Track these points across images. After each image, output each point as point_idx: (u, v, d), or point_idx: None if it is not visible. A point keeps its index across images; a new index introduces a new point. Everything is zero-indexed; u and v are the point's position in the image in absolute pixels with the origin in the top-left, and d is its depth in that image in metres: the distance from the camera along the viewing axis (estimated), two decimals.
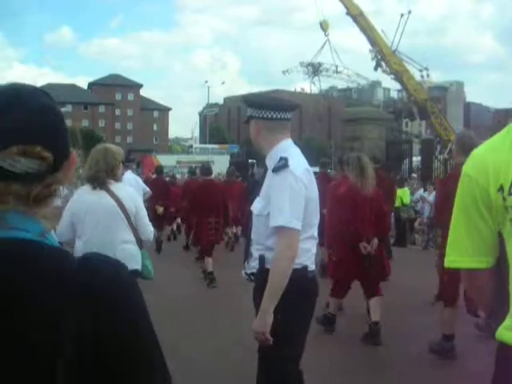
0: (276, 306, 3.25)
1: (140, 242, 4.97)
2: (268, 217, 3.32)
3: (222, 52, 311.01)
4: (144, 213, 5.04)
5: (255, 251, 3.46)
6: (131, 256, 4.80)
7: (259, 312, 3.29)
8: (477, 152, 1.95)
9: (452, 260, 2.00)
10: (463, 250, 1.95)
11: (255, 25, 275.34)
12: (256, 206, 3.46)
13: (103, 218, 4.76)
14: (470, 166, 1.92)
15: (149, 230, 5.05)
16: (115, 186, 4.90)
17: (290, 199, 3.25)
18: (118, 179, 5.00)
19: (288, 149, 3.47)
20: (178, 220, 17.27)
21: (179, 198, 14.19)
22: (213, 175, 13.84)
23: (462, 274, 2.05)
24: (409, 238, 17.67)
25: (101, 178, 4.82)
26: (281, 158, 3.35)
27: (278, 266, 3.25)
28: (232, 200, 12.63)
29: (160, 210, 13.67)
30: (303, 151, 3.58)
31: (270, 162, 3.46)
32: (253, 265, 3.47)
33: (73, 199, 4.87)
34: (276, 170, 3.31)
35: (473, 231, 1.91)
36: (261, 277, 3.35)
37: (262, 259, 3.38)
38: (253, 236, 3.51)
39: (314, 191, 3.47)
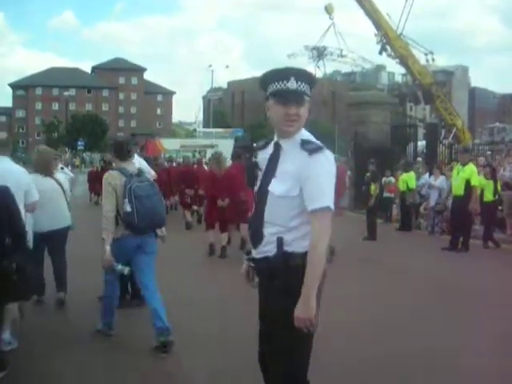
0: (295, 290, 3.20)
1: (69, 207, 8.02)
2: (296, 198, 3.26)
3: (226, 36, 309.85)
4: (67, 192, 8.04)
5: (271, 234, 3.35)
6: (67, 217, 7.83)
7: (302, 298, 3.19)
8: None
9: None
10: None
11: (259, 8, 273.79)
12: (277, 188, 3.32)
13: (53, 195, 7.52)
14: None
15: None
16: (57, 174, 8.00)
17: (329, 181, 3.24)
18: (56, 170, 8.26)
19: (306, 132, 3.41)
20: None
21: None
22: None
23: None
24: (414, 222, 17.61)
25: (50, 168, 7.73)
26: (309, 141, 3.29)
27: (319, 248, 3.19)
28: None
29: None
30: None
31: (289, 143, 3.37)
32: (267, 248, 3.37)
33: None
34: (313, 151, 3.23)
35: None
36: (277, 260, 3.30)
37: (279, 241, 3.30)
38: (268, 218, 3.37)
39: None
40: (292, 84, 3.28)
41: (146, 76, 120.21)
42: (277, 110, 3.35)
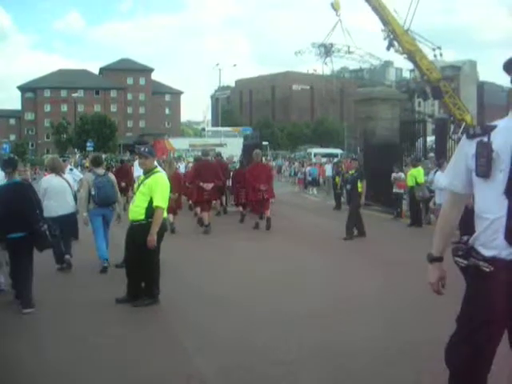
0: None
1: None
2: None
3: (233, 34, 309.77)
4: (73, 188, 10.98)
5: None
6: (72, 206, 10.52)
7: None
8: None
9: None
10: None
11: (265, 6, 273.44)
12: None
13: (61, 189, 10.36)
14: None
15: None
16: (65, 175, 11.01)
17: None
18: (63, 171, 11.26)
19: None
20: None
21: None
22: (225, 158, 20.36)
23: None
24: (425, 218, 17.54)
25: (59, 170, 10.75)
26: None
27: None
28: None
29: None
30: (315, 132, 3.48)
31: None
32: None
33: (44, 181, 10.70)
34: None
35: None
36: None
37: None
38: None
39: None
40: None
41: (154, 76, 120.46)
42: None
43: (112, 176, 11.06)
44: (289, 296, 8.50)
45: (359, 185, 14.85)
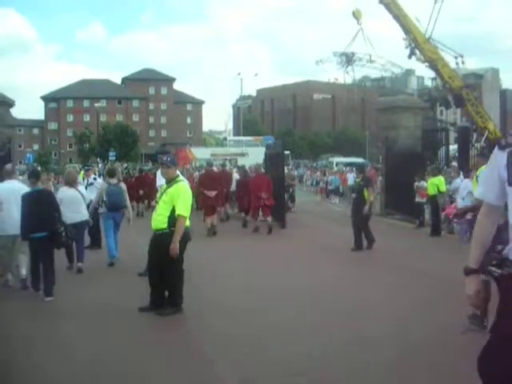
0: None
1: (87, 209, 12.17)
2: None
3: (254, 43, 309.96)
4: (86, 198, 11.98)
5: None
6: (85, 215, 11.62)
7: None
8: None
9: None
10: None
11: (286, 15, 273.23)
12: None
13: (74, 200, 11.35)
14: None
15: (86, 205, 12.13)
16: (79, 187, 12.05)
17: None
18: (77, 183, 12.35)
19: None
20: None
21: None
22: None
23: None
24: (448, 227, 17.41)
25: (73, 183, 11.84)
26: None
27: None
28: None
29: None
30: (337, 141, 3.43)
31: None
32: None
33: (60, 193, 11.65)
34: None
35: None
36: None
37: None
38: None
39: None
40: None
41: (176, 86, 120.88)
42: None
43: (123, 185, 12.94)
44: (312, 306, 8.50)
45: (365, 193, 14.38)
